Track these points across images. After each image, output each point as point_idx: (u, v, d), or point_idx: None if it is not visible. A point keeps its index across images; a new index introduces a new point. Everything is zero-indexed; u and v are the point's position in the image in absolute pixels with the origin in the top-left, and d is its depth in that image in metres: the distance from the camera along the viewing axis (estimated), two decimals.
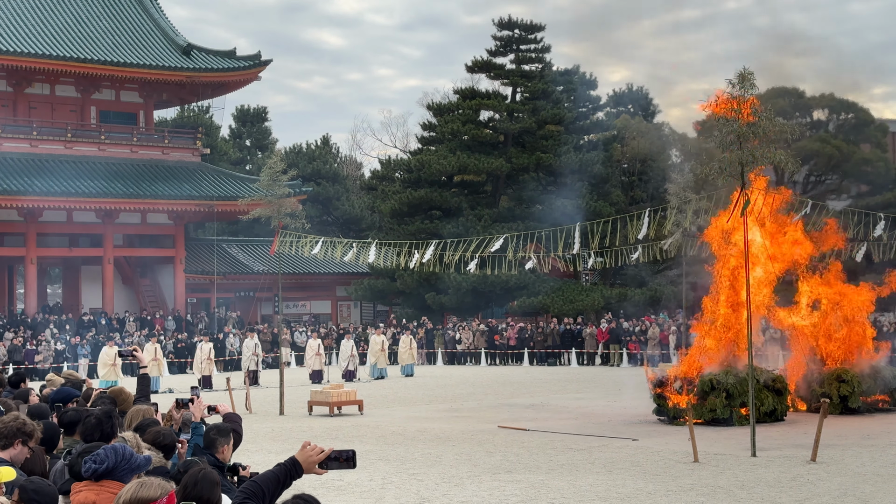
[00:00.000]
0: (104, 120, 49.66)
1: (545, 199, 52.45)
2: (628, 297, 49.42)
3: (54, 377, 11.89)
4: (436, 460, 16.74)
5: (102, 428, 6.54)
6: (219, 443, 6.94)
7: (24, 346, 39.59)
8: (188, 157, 51.25)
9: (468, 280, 47.52)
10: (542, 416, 23.57)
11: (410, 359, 39.24)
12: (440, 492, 13.87)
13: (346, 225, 64.62)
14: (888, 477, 14.53)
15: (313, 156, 67.08)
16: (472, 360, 45.22)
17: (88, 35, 48.68)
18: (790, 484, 14.04)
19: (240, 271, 52.82)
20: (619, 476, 14.92)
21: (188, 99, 54.96)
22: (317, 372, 35.62)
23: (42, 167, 45.76)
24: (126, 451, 5.18)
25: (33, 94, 47.84)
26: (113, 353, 32.54)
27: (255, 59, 51.62)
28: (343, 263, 41.06)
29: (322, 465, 5.17)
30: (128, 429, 7.04)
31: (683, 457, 16.45)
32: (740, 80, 17.90)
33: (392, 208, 54.39)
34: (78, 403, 8.87)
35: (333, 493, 13.94)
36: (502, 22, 54.96)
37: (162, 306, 49.98)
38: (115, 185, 46.44)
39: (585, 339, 43.32)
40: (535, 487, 14.07)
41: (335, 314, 55.94)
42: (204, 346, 34.89)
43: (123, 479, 5.01)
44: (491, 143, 54.29)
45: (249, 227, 60.11)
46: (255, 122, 74.35)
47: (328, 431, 21.17)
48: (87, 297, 49.55)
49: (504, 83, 56.02)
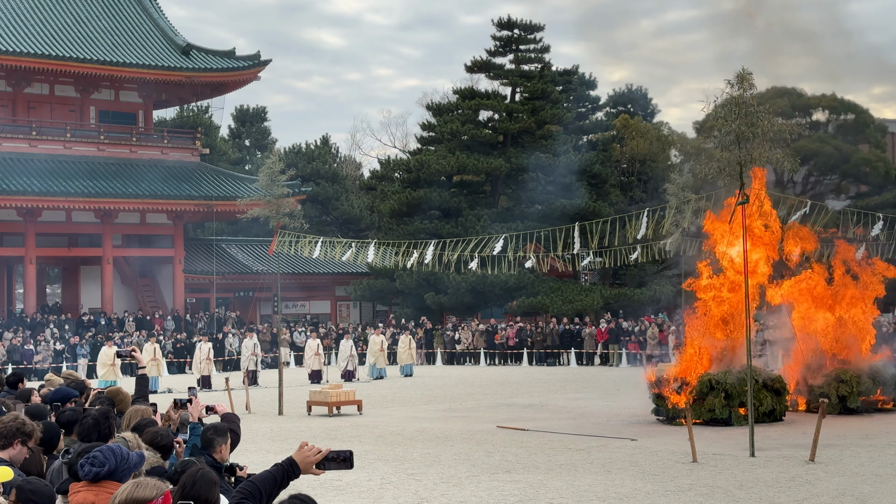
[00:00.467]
0: (103, 120, 49.65)
1: (544, 199, 52.48)
2: (627, 297, 49.43)
3: (53, 377, 11.89)
4: (434, 460, 16.75)
5: (100, 428, 6.54)
6: (216, 443, 6.93)
7: (23, 346, 39.59)
8: (187, 157, 51.24)
9: (467, 280, 47.53)
10: (541, 416, 23.58)
11: (409, 359, 39.22)
12: (439, 492, 13.87)
13: (345, 225, 64.62)
14: (886, 477, 14.53)
15: (312, 156, 67.07)
16: (472, 361, 45.22)
17: (87, 35, 48.68)
18: (789, 484, 14.04)
19: (239, 271, 52.82)
20: (618, 476, 14.92)
21: (187, 99, 54.96)
22: (316, 372, 35.61)
23: (41, 167, 45.74)
24: (123, 451, 5.18)
25: (32, 93, 47.82)
26: (112, 353, 32.53)
27: (255, 58, 51.61)
28: (342, 263, 41.09)
29: (319, 466, 5.16)
30: (126, 429, 7.04)
31: (682, 457, 16.45)
32: (739, 81, 17.90)
33: (391, 208, 54.40)
34: (76, 403, 8.87)
35: (332, 492, 13.94)
36: (502, 22, 54.99)
37: (161, 306, 49.97)
38: (115, 184, 46.43)
39: (584, 339, 43.33)
40: (534, 487, 14.08)
41: (334, 314, 55.93)
42: (203, 346, 34.88)
43: (122, 479, 5.01)
44: (490, 143, 54.30)
45: (249, 226, 60.09)
46: (254, 122, 74.36)
47: (327, 431, 21.17)
48: (87, 297, 49.54)
49: (503, 83, 56.05)
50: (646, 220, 22.57)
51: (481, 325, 46.63)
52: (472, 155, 52.30)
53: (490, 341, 45.15)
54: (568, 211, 49.41)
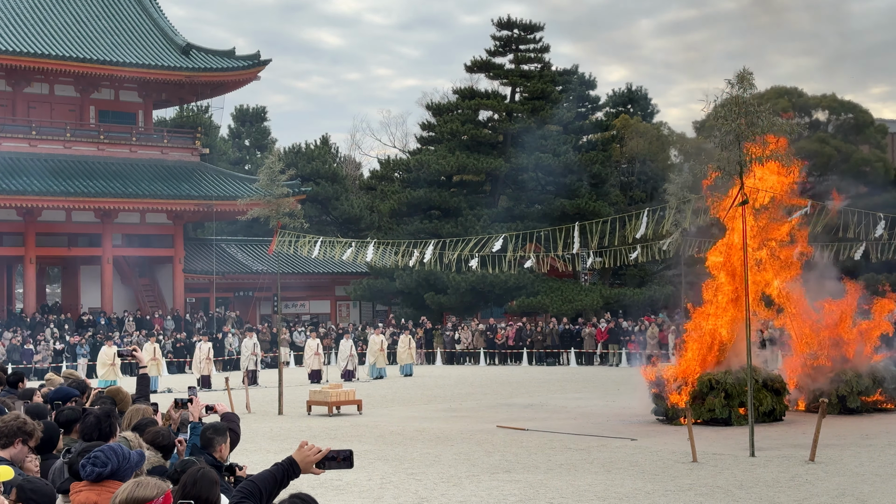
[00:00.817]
0: (103, 119, 49.65)
1: (544, 199, 52.47)
2: (627, 296, 49.43)
3: (53, 377, 11.89)
4: (434, 460, 16.75)
5: (101, 427, 6.54)
6: (216, 442, 6.94)
7: (22, 346, 39.59)
8: (187, 156, 51.24)
9: (467, 280, 47.53)
10: (541, 415, 23.57)
11: (409, 358, 39.22)
12: (439, 491, 13.87)
13: (345, 225, 64.60)
14: (886, 477, 14.54)
15: (312, 156, 67.05)
16: (471, 360, 45.22)
17: (87, 34, 48.67)
18: (789, 484, 14.04)
19: (239, 271, 52.81)
20: (618, 476, 14.92)
21: (187, 99, 54.96)
22: (316, 372, 35.61)
23: (41, 167, 45.74)
24: (124, 450, 5.18)
25: (32, 93, 47.83)
26: (112, 353, 32.52)
27: (255, 58, 51.60)
28: (342, 263, 41.09)
29: (319, 465, 5.17)
30: (126, 428, 7.04)
31: (682, 457, 16.45)
32: (739, 80, 17.90)
33: (391, 208, 54.40)
34: (77, 403, 8.87)
35: (332, 492, 13.94)
36: (501, 22, 54.98)
37: (161, 306, 49.97)
38: (114, 184, 46.43)
39: (584, 338, 43.32)
40: (534, 487, 14.08)
41: (334, 314, 55.92)
42: (203, 345, 34.86)
43: (124, 479, 5.01)
44: (490, 142, 54.30)
45: (248, 226, 60.08)
46: (254, 121, 74.35)
47: (327, 431, 21.17)
48: (86, 296, 49.54)
49: (503, 83, 56.04)
50: (646, 219, 22.52)
51: (481, 324, 46.63)
52: (471, 155, 52.30)
53: (490, 341, 45.14)
54: (568, 211, 49.43)
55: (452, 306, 50.22)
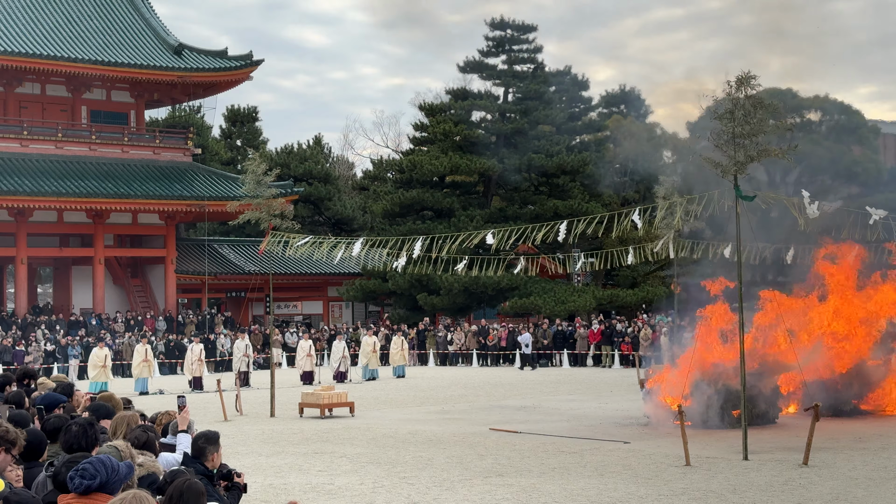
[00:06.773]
0: (95, 120, 49.53)
1: (537, 200, 52.41)
2: (620, 298, 49.40)
3: (46, 381, 11.82)
4: (427, 463, 16.68)
5: (86, 437, 6.45)
6: (208, 451, 6.91)
7: (13, 347, 39.42)
8: (179, 157, 51.14)
9: (460, 281, 47.47)
10: (534, 418, 23.52)
11: (402, 360, 39.13)
12: (431, 496, 13.80)
13: (337, 225, 64.53)
14: (880, 481, 14.50)
15: (305, 156, 66.94)
16: (464, 362, 45.16)
17: (79, 34, 48.54)
18: (782, 488, 14.00)
19: (231, 271, 52.69)
20: (611, 479, 14.87)
21: (179, 99, 54.83)
22: (308, 373, 35.51)
23: (32, 167, 45.60)
24: (113, 462, 5.10)
25: (24, 93, 47.69)
26: (103, 355, 32.43)
27: (247, 58, 51.52)
28: (334, 264, 40.93)
29: None
30: (113, 437, 6.96)
31: (675, 460, 16.41)
32: (739, 82, 17.83)
33: (384, 209, 54.33)
34: (65, 409, 8.78)
35: (324, 497, 13.87)
36: (494, 22, 54.99)
37: (153, 307, 49.85)
38: (106, 185, 46.30)
39: (577, 340, 43.26)
40: (527, 491, 14.02)
41: (327, 315, 55.83)
42: (195, 346, 34.74)
43: (113, 491, 4.93)
44: (483, 143, 54.26)
45: (240, 227, 59.59)
46: (245, 122, 74.14)
47: (319, 434, 21.08)
48: (78, 297, 49.40)
49: (496, 84, 56.04)
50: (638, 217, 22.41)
51: (473, 326, 46.56)
52: (464, 155, 52.26)
53: (483, 342, 45.03)
54: (561, 212, 49.38)
55: (445, 307, 50.18)
